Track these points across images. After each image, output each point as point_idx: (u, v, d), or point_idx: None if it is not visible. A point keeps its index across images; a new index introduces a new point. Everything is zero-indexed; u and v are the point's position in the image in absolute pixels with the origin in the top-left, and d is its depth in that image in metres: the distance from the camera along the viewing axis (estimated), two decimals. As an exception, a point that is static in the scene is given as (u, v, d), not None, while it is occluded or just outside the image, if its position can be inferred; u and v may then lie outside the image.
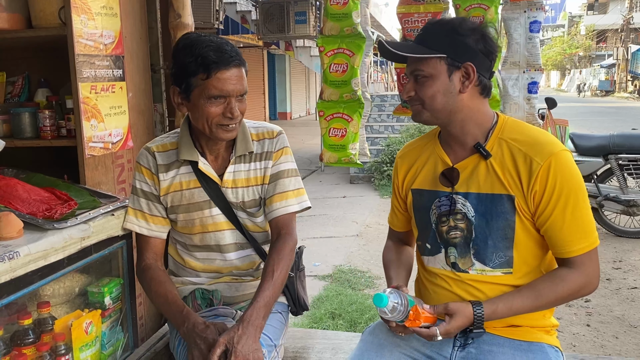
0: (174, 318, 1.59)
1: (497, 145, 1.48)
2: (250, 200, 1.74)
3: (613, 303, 3.99)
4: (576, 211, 1.41)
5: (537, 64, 2.53)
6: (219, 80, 1.54)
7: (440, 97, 1.46)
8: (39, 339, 1.54)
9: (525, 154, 1.43)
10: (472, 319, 1.41)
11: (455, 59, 1.44)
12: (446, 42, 1.44)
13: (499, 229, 1.46)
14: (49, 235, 1.54)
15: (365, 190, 8.34)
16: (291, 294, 1.87)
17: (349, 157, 2.61)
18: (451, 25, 1.47)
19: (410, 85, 1.50)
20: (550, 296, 1.43)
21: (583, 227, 1.42)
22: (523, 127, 1.52)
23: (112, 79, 2.15)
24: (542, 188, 1.41)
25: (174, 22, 2.38)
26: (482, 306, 1.42)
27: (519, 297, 1.44)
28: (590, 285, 1.44)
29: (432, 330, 1.39)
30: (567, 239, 1.42)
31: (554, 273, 1.46)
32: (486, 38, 1.47)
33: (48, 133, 2.20)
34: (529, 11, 2.47)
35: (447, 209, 1.52)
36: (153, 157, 1.74)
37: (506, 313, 1.43)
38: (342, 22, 2.49)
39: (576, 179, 1.42)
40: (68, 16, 1.94)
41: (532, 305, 1.43)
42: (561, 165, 1.41)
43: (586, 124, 14.69)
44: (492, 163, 1.47)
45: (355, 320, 3.63)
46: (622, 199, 5.34)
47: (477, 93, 1.49)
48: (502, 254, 1.47)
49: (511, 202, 1.44)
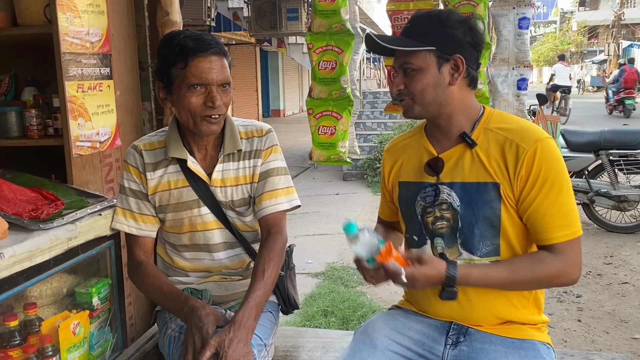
0: (173, 305, 1.59)
1: (483, 134, 1.50)
2: (239, 199, 1.73)
3: (604, 298, 4.01)
4: (559, 198, 1.41)
5: (526, 60, 2.53)
6: (197, 68, 1.54)
7: (430, 90, 1.46)
8: (25, 341, 1.53)
9: (511, 140, 1.45)
10: (443, 275, 1.40)
11: (444, 52, 1.45)
12: (435, 35, 1.45)
13: (485, 218, 1.46)
14: (34, 235, 1.52)
15: (358, 187, 8.34)
16: (281, 293, 1.86)
17: (338, 155, 2.60)
18: (439, 18, 1.47)
19: (399, 78, 1.50)
20: (527, 275, 1.42)
21: (566, 214, 1.42)
22: (509, 117, 1.54)
23: (99, 77, 2.13)
24: (527, 173, 1.42)
25: (162, 19, 2.36)
26: (457, 266, 1.41)
27: (495, 268, 1.44)
28: (570, 275, 1.43)
29: (398, 268, 1.36)
30: (548, 225, 1.42)
31: (534, 254, 1.47)
32: (473, 30, 1.48)
33: (35, 132, 2.17)
34: (518, 8, 2.47)
35: (431, 199, 1.53)
36: (140, 155, 1.72)
37: (479, 280, 1.43)
38: (331, 19, 2.47)
39: (561, 166, 1.43)
40: (53, 14, 1.92)
41: (506, 279, 1.43)
42: (547, 152, 1.42)
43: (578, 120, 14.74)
44: (477, 152, 1.48)
45: (348, 318, 3.63)
46: (613, 194, 5.37)
47: (465, 85, 1.51)
48: (489, 242, 1.48)
49: (496, 190, 1.45)
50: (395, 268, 1.37)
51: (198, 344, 1.45)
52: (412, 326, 1.58)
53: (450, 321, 1.55)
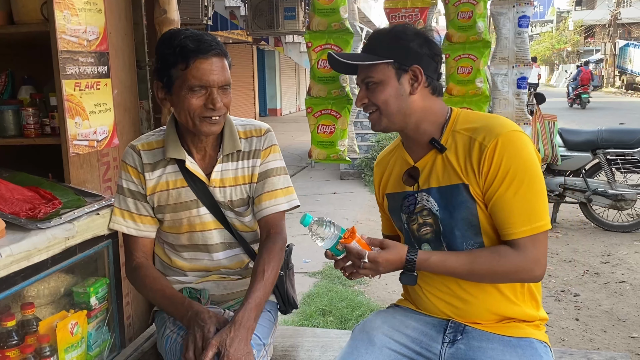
0: (176, 310, 1.58)
1: (451, 137, 1.52)
2: (238, 199, 1.72)
3: (601, 297, 4.02)
4: (521, 192, 1.40)
5: (526, 59, 2.53)
6: (198, 69, 1.53)
7: (392, 101, 1.50)
8: (22, 341, 1.52)
9: (475, 139, 1.46)
10: (403, 259, 1.44)
11: (402, 63, 1.50)
12: (392, 48, 1.50)
13: (462, 219, 1.48)
14: (32, 235, 1.51)
15: (356, 186, 8.34)
16: (280, 292, 1.85)
17: (337, 153, 2.60)
18: (395, 32, 1.54)
19: (362, 93, 1.55)
20: (485, 266, 1.44)
21: (529, 209, 1.41)
22: (475, 116, 1.56)
23: (96, 76, 2.12)
24: (488, 168, 1.43)
25: (159, 17, 2.35)
26: (417, 251, 1.45)
27: (454, 256, 1.46)
28: (530, 272, 1.43)
29: (361, 250, 1.41)
30: (509, 220, 1.42)
31: (495, 247, 1.47)
32: (429, 42, 1.53)
33: (32, 131, 2.16)
34: (518, 6, 2.47)
35: (412, 207, 1.56)
36: (139, 155, 1.71)
37: (439, 266, 1.46)
38: (330, 18, 2.46)
39: (525, 159, 1.41)
40: (50, 12, 1.91)
41: (465, 268, 1.45)
42: (509, 145, 1.41)
43: (575, 119, 14.79)
44: (447, 156, 1.50)
45: (346, 317, 3.63)
46: (610, 193, 5.38)
47: (429, 93, 1.54)
48: (472, 242, 1.49)
49: (467, 191, 1.46)
50: (357, 249, 1.41)
51: (199, 342, 1.45)
52: (410, 324, 1.59)
53: (448, 319, 1.56)
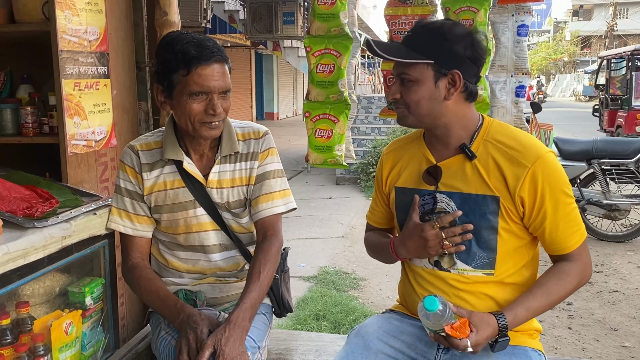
0: (169, 312, 1.58)
1: (482, 146, 1.49)
2: (235, 200, 1.73)
3: (594, 306, 4.04)
4: (567, 208, 1.45)
5: (525, 67, 2.55)
6: (199, 75, 1.53)
7: (425, 103, 1.46)
8: (17, 340, 1.51)
9: (511, 156, 1.45)
10: (496, 327, 1.39)
11: (442, 66, 1.44)
12: (434, 48, 1.44)
13: (482, 229, 1.47)
14: (29, 234, 1.51)
15: (352, 191, 8.35)
16: (275, 295, 1.85)
17: (334, 158, 2.61)
18: (440, 31, 1.46)
19: (396, 87, 1.50)
20: (560, 292, 1.45)
21: (575, 221, 1.46)
22: (508, 130, 1.53)
23: (96, 76, 2.12)
24: (533, 193, 1.42)
25: (160, 19, 2.36)
26: (502, 314, 1.41)
27: (533, 299, 1.44)
28: (589, 273, 1.49)
29: (464, 342, 1.34)
30: (563, 236, 1.45)
31: (557, 269, 1.48)
32: (475, 44, 1.46)
33: (30, 130, 2.16)
34: (517, 15, 2.48)
35: (430, 207, 1.53)
36: (137, 155, 1.72)
37: (525, 316, 1.44)
38: (330, 23, 2.48)
39: (562, 178, 1.46)
40: (52, 11, 1.91)
41: (545, 303, 1.45)
42: (548, 168, 1.43)
43: (570, 129, 14.86)
44: (476, 164, 1.48)
45: (340, 322, 3.63)
46: (605, 203, 5.40)
47: (463, 99, 1.49)
48: (485, 255, 1.48)
49: (496, 203, 1.45)
50: (462, 343, 1.34)
51: (192, 344, 1.45)
52: (406, 329, 1.59)
53: None
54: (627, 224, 5.60)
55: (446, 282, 1.52)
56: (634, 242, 5.51)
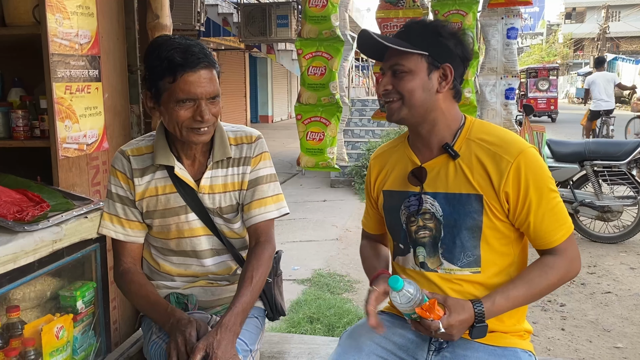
0: (159, 317, 1.58)
1: (465, 145, 1.51)
2: (227, 206, 1.72)
3: (587, 307, 4.05)
4: (551, 202, 1.45)
5: (514, 70, 2.56)
6: (185, 83, 1.52)
7: (419, 93, 1.48)
8: (7, 344, 1.50)
9: (494, 152, 1.47)
10: (472, 313, 1.40)
11: (435, 59, 1.48)
12: (429, 41, 1.48)
13: (467, 229, 1.48)
14: (19, 237, 1.50)
15: (346, 194, 8.35)
16: (268, 299, 1.85)
17: (326, 161, 2.61)
18: (434, 26, 1.51)
19: (387, 79, 1.51)
20: (542, 283, 1.45)
21: (559, 215, 1.47)
22: (490, 127, 1.56)
23: (87, 80, 2.12)
24: (516, 188, 1.44)
25: (151, 22, 2.36)
26: (480, 301, 1.41)
27: (513, 289, 1.45)
28: (575, 268, 1.49)
29: (435, 324, 1.36)
30: (548, 230, 1.46)
31: (541, 262, 1.48)
32: (464, 44, 1.52)
33: (21, 133, 2.15)
34: (507, 18, 2.50)
35: (415, 209, 1.54)
36: (128, 161, 1.71)
37: (505, 305, 1.44)
38: (321, 25, 2.48)
39: (545, 172, 1.47)
40: (42, 15, 1.91)
41: (526, 293, 1.45)
42: (531, 163, 1.45)
43: (563, 131, 14.92)
44: (460, 163, 1.50)
45: (334, 325, 3.62)
46: (597, 204, 5.42)
47: (451, 96, 1.53)
48: (470, 253, 1.49)
49: (479, 202, 1.46)
50: (433, 324, 1.35)
51: (182, 347, 1.45)
52: (397, 331, 1.59)
53: None
54: (620, 225, 5.62)
55: (434, 282, 1.53)
56: (626, 243, 5.53)
